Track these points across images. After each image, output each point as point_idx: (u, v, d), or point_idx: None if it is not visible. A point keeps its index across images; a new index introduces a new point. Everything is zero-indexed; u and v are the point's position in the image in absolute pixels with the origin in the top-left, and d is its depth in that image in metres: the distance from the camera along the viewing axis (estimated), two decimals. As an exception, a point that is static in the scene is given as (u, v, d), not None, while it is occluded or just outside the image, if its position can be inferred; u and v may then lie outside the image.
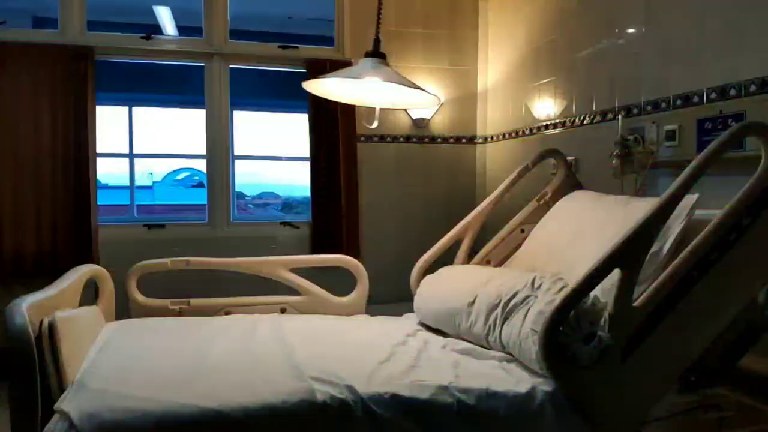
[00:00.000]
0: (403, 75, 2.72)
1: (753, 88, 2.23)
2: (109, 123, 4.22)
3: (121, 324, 2.34)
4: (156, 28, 4.96)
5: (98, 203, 3.66)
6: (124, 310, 2.60)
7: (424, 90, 2.59)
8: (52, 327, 1.70)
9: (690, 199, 1.92)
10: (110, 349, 1.98)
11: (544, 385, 1.69)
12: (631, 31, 2.89)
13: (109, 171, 5.43)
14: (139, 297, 2.63)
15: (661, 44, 2.69)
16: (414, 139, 4.28)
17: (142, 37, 3.80)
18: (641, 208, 2.07)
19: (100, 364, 1.82)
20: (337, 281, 3.02)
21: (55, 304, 1.88)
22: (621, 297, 1.64)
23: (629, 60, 2.88)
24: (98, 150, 3.66)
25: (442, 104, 4.26)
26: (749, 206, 1.72)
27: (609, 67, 3.02)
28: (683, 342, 1.73)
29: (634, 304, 1.66)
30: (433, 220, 4.19)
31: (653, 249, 1.82)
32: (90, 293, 2.43)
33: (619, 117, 2.87)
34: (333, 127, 3.97)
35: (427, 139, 4.30)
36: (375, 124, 2.86)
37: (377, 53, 2.57)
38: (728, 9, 2.35)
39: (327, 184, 3.98)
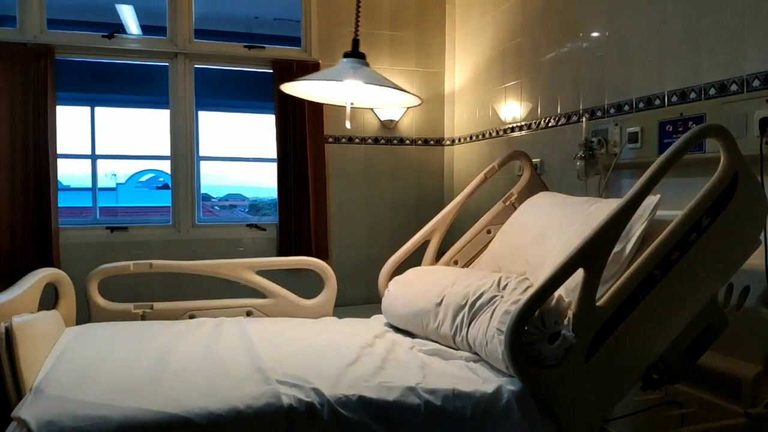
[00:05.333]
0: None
1: (712, 91, 2.28)
2: (71, 123, 4.13)
3: (81, 329, 2.28)
4: (119, 27, 4.86)
5: (59, 205, 3.58)
6: (85, 314, 2.54)
7: (405, 91, 2.55)
8: (9, 332, 1.66)
9: (652, 199, 1.95)
10: (70, 355, 1.92)
11: (510, 385, 1.70)
12: (594, 35, 2.93)
13: (71, 172, 5.30)
14: (101, 301, 2.57)
15: (623, 48, 2.74)
16: (382, 141, 4.28)
17: (104, 36, 3.73)
18: (604, 208, 2.10)
19: (59, 369, 1.77)
20: (305, 284, 3.01)
21: (12, 308, 1.84)
22: (584, 296, 1.66)
23: (593, 63, 2.93)
24: (59, 151, 3.59)
25: (414, 105, 4.26)
26: (709, 207, 1.75)
27: (573, 70, 3.07)
28: (646, 340, 1.76)
29: (598, 304, 1.68)
30: (402, 222, 4.21)
31: (616, 249, 1.84)
32: (49, 297, 2.37)
33: (584, 119, 2.92)
34: (301, 128, 3.95)
35: (395, 141, 4.31)
36: (348, 125, 2.79)
37: (357, 53, 2.53)
38: (687, 14, 2.41)
39: (295, 185, 3.96)
